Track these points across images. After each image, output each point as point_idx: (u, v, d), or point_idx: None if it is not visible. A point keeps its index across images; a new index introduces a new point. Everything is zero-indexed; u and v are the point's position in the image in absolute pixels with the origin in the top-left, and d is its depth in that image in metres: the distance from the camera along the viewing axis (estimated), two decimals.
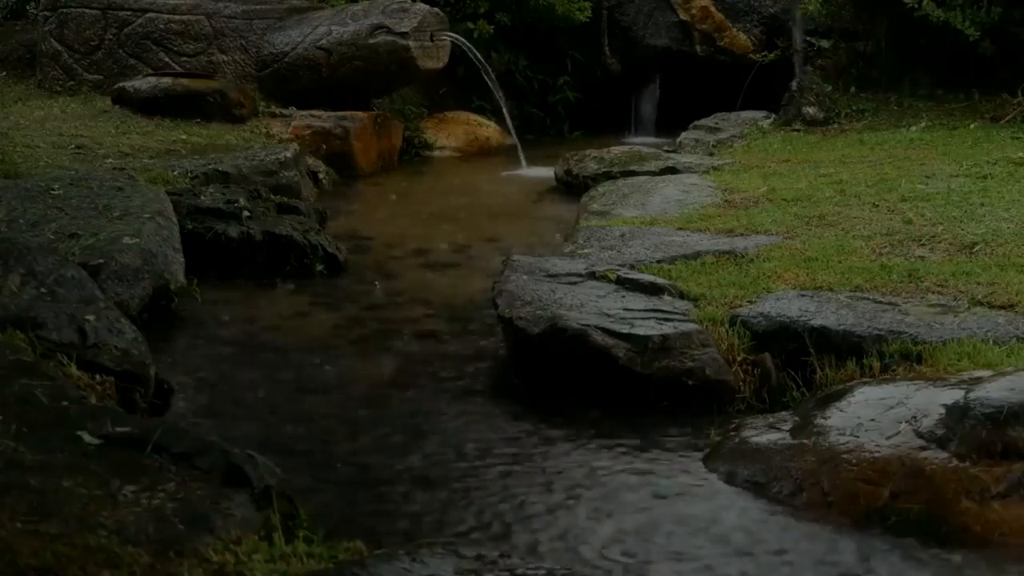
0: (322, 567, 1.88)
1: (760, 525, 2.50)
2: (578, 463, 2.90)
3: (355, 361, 3.81)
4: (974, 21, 7.65)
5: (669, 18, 9.81)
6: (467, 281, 4.77)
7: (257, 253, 4.76)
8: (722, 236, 4.61)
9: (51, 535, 1.77)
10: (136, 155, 6.24)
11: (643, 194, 5.74)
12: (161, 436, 2.20)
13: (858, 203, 5.17)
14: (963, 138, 7.02)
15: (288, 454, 2.86)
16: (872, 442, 2.58)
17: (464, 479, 2.81)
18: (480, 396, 3.45)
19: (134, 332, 3.15)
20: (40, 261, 3.27)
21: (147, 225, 4.22)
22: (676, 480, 2.80)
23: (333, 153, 7.29)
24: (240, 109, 7.44)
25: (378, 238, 5.63)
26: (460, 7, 8.95)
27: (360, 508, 2.66)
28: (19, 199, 4.42)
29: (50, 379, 2.56)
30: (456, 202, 6.75)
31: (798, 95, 8.07)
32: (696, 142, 7.76)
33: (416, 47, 7.64)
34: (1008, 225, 4.56)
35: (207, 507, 1.96)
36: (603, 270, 3.88)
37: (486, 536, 2.48)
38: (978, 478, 2.41)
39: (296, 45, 7.83)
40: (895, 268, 3.95)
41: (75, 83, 8.13)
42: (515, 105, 9.08)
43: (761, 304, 3.57)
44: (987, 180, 5.55)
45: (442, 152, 8.54)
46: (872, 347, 3.25)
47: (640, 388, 3.22)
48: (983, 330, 3.30)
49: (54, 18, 8.23)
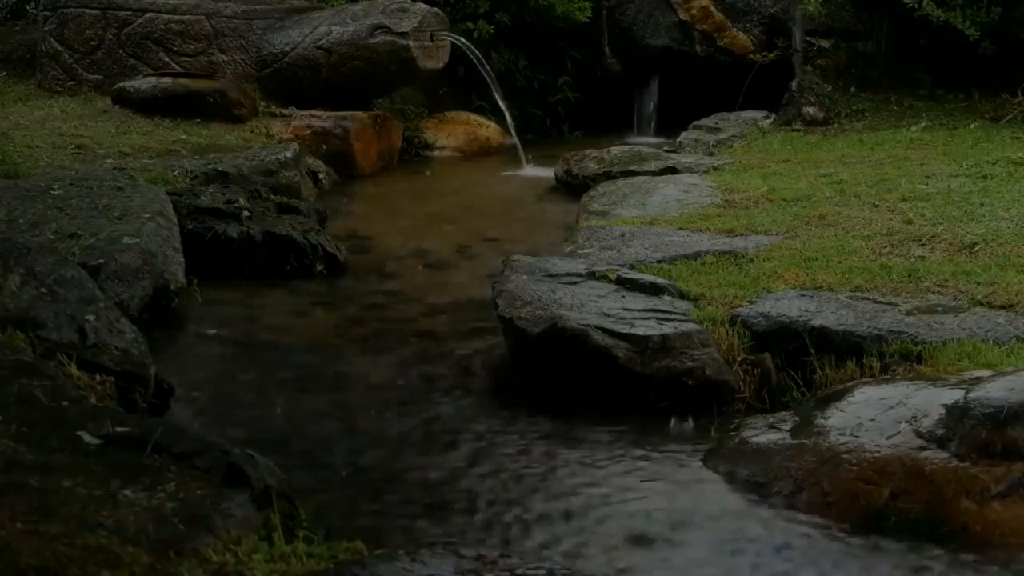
0: (322, 567, 1.88)
1: (760, 525, 2.50)
2: (578, 463, 2.90)
3: (355, 361, 3.81)
4: (974, 21, 7.65)
5: (669, 18, 9.81)
6: (467, 281, 4.77)
7: (257, 253, 4.76)
8: (722, 236, 4.62)
9: (51, 535, 1.77)
10: (136, 155, 6.24)
11: (643, 194, 5.74)
12: (161, 436, 2.20)
13: (858, 203, 5.17)
14: (963, 138, 7.02)
15: (288, 454, 2.87)
16: (872, 442, 2.58)
17: (464, 479, 2.81)
18: (480, 396, 3.45)
19: (134, 332, 3.15)
20: (40, 261, 3.27)
21: (147, 225, 4.22)
22: (676, 480, 2.80)
23: (333, 153, 7.29)
24: (240, 109, 7.44)
25: (378, 238, 5.62)
26: (460, 7, 8.94)
27: (360, 508, 2.66)
28: (19, 199, 4.42)
29: (50, 379, 2.56)
30: (456, 202, 6.75)
31: (798, 95, 8.06)
32: (696, 142, 7.76)
33: (416, 47, 7.64)
34: (1008, 225, 4.56)
35: (207, 507, 1.96)
36: (603, 270, 3.88)
37: (486, 536, 2.48)
38: (978, 478, 2.41)
39: (296, 45, 7.82)
40: (895, 268, 3.95)
41: (75, 83, 8.13)
42: (515, 105, 9.06)
43: (761, 304, 3.57)
44: (987, 180, 5.55)
45: (442, 152, 8.54)
46: (872, 347, 3.26)
47: (640, 388, 3.22)
48: (983, 330, 3.30)
49: (54, 18, 8.22)
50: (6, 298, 3.04)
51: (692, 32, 9.73)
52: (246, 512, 1.99)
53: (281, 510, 2.02)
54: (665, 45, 9.83)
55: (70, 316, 3.00)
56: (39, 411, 2.34)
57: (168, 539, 1.83)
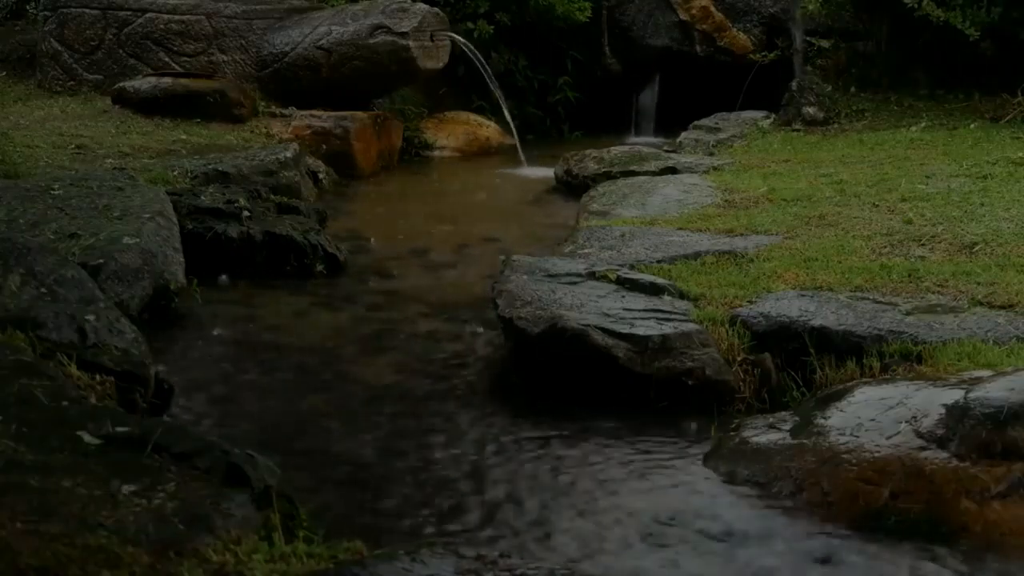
0: (322, 567, 1.88)
1: (760, 525, 2.50)
2: (578, 463, 2.90)
3: (355, 361, 3.81)
4: (974, 21, 7.65)
5: (669, 18, 9.81)
6: (467, 281, 4.77)
7: (257, 253, 4.76)
8: (722, 236, 4.62)
9: (51, 535, 1.77)
10: (136, 155, 6.24)
11: (643, 194, 5.74)
12: (161, 436, 2.20)
13: (858, 203, 5.17)
14: (963, 138, 7.02)
15: (288, 454, 2.87)
16: (872, 442, 2.58)
17: (464, 479, 2.81)
18: (480, 396, 3.45)
19: (134, 332, 3.15)
20: (40, 261, 3.27)
21: (147, 225, 4.22)
22: (676, 480, 2.80)
23: (333, 153, 7.29)
24: (240, 109, 7.44)
25: (378, 238, 5.63)
26: (460, 7, 8.95)
27: (360, 508, 2.66)
28: (19, 199, 4.42)
29: (50, 379, 2.56)
30: (456, 202, 6.75)
31: (798, 95, 8.07)
32: (696, 142, 7.76)
33: (416, 47, 7.64)
34: (1008, 225, 4.56)
35: (207, 507, 1.96)
36: (603, 270, 3.88)
37: (486, 536, 2.48)
38: (978, 478, 2.41)
39: (296, 45, 7.83)
40: (895, 268, 3.95)
41: (75, 83, 8.13)
42: (515, 105, 9.07)
43: (761, 304, 3.57)
44: (987, 180, 5.55)
45: (442, 152, 8.54)
46: (872, 347, 3.26)
47: (640, 388, 3.22)
48: (983, 330, 3.30)
49: (54, 18, 8.23)
50: (6, 298, 3.04)
51: (692, 32, 9.74)
52: (246, 512, 1.98)
53: (281, 510, 2.02)
54: (665, 45, 9.84)
55: (70, 316, 3.00)
56: (39, 411, 2.33)
57: (168, 539, 1.83)
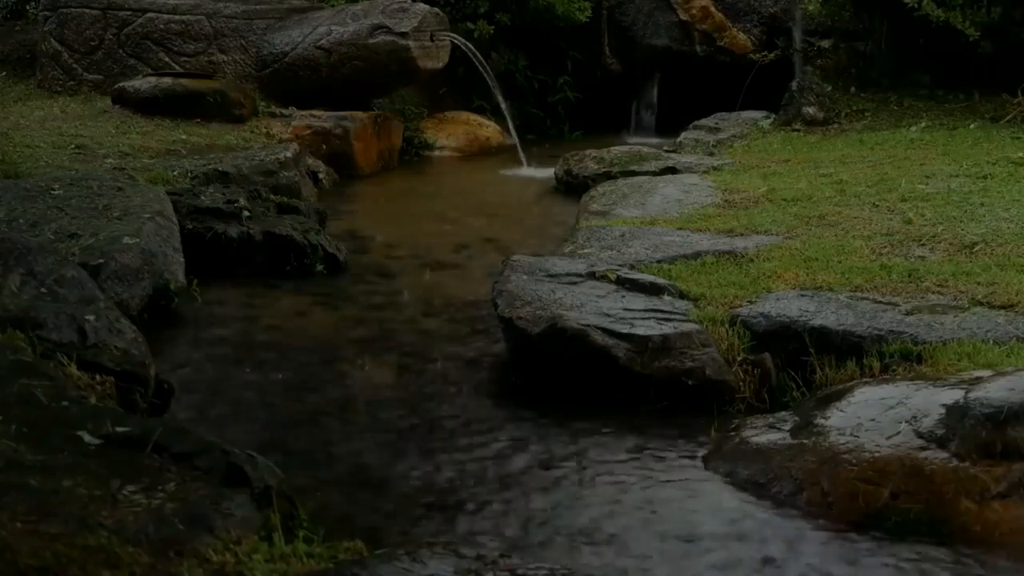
0: (322, 567, 1.88)
1: (760, 525, 2.50)
2: (578, 463, 2.90)
3: (355, 361, 3.81)
4: (974, 21, 7.65)
5: (669, 18, 9.81)
6: (467, 281, 4.77)
7: (257, 253, 4.76)
8: (722, 236, 4.62)
9: (51, 535, 1.77)
10: (136, 155, 6.24)
11: (643, 194, 5.74)
12: (161, 436, 2.20)
13: (858, 203, 5.17)
14: (963, 138, 7.02)
15: (288, 454, 2.87)
16: (872, 442, 2.58)
17: (464, 479, 2.81)
18: (480, 396, 3.45)
19: (134, 332, 3.15)
20: (40, 261, 3.27)
21: (147, 225, 4.22)
22: (676, 480, 2.80)
23: (333, 153, 7.29)
24: (240, 109, 7.44)
25: (378, 238, 5.63)
26: (460, 7, 8.95)
27: (360, 508, 2.66)
28: (19, 199, 4.42)
29: (50, 379, 2.56)
30: (456, 202, 6.75)
31: (798, 95, 8.07)
32: (696, 142, 7.76)
33: (416, 47, 7.64)
34: (1008, 225, 4.56)
35: (207, 507, 1.96)
36: (603, 270, 3.88)
37: (486, 536, 2.48)
38: (978, 478, 2.42)
39: (296, 45, 7.83)
40: (895, 268, 3.95)
41: (75, 83, 8.13)
42: (515, 105, 9.07)
43: (761, 304, 3.57)
44: (987, 180, 5.55)
45: (442, 152, 8.54)
46: (872, 347, 3.26)
47: (640, 388, 3.22)
48: (983, 330, 3.30)
49: (54, 18, 8.23)
50: (6, 298, 3.04)
51: (692, 32, 9.73)
52: (246, 512, 1.98)
53: (281, 510, 2.02)
54: (665, 45, 9.83)
55: (70, 316, 3.00)
56: (39, 411, 2.33)
57: (168, 539, 1.83)
